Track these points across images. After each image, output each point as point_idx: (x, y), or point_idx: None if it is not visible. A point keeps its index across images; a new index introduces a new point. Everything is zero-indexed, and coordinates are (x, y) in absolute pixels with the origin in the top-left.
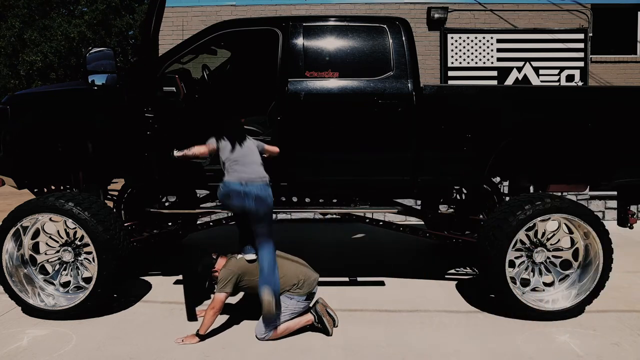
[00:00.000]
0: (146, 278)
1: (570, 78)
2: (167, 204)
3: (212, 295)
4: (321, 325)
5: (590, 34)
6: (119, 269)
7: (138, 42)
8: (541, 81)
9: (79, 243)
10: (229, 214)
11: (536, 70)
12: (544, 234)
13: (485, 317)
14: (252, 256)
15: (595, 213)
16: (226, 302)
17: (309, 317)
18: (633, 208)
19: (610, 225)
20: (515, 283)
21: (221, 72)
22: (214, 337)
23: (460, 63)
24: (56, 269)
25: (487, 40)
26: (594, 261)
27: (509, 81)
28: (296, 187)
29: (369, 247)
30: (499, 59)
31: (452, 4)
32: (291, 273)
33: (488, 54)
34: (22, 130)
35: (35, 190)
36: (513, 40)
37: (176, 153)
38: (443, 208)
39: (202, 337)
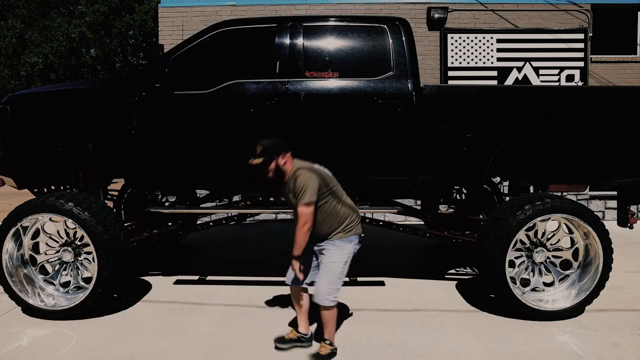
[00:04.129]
0: (146, 278)
1: (570, 78)
2: (167, 203)
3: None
4: None
5: (590, 34)
6: (119, 269)
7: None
8: (541, 81)
9: (79, 243)
10: (229, 214)
11: (536, 70)
12: (544, 234)
13: (486, 317)
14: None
15: (595, 213)
16: (226, 302)
17: None
18: (633, 208)
19: (610, 225)
20: (515, 283)
21: None
22: (213, 337)
23: (460, 63)
24: (56, 269)
25: (487, 40)
26: (594, 261)
27: (509, 81)
28: None
29: (369, 247)
30: (499, 59)
31: (452, 4)
32: (351, 205)
33: (488, 54)
34: (22, 130)
35: (35, 190)
36: (513, 40)
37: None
38: (443, 208)
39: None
